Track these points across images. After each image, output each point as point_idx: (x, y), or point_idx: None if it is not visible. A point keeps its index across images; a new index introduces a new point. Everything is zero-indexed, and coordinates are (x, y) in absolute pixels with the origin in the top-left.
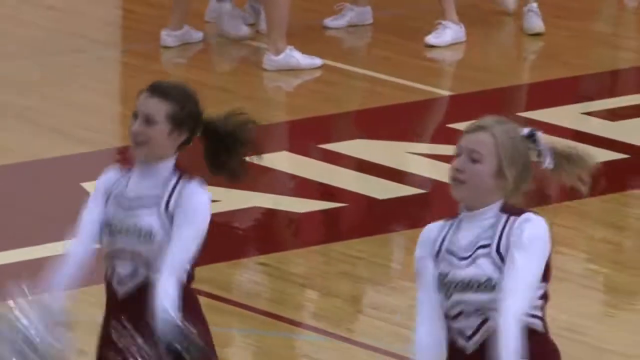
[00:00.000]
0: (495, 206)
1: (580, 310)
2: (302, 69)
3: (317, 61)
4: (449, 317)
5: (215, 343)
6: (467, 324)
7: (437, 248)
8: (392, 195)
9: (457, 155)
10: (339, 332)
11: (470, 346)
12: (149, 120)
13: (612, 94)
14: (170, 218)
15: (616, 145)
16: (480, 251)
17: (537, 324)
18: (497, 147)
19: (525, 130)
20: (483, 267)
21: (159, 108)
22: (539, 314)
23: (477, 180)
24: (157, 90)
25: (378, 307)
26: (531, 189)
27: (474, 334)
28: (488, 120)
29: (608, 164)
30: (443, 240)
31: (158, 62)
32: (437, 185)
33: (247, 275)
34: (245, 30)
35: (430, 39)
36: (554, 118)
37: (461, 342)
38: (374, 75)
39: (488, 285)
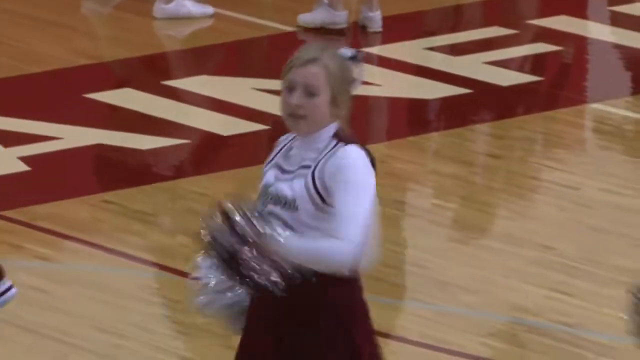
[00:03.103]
0: (329, 130)
1: (426, 245)
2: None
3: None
4: None
5: (58, 280)
6: None
7: (272, 156)
8: (237, 132)
9: (289, 89)
10: (186, 269)
11: None
12: None
13: (454, 29)
14: None
15: (458, 80)
16: (301, 171)
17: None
18: (329, 77)
19: (349, 52)
20: (294, 187)
21: None
22: None
23: (316, 113)
24: None
25: None
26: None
27: None
28: (314, 50)
29: (451, 99)
30: (281, 149)
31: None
32: (280, 120)
33: (91, 213)
34: None
35: None
36: (397, 53)
37: None
38: (219, 12)
39: (292, 205)
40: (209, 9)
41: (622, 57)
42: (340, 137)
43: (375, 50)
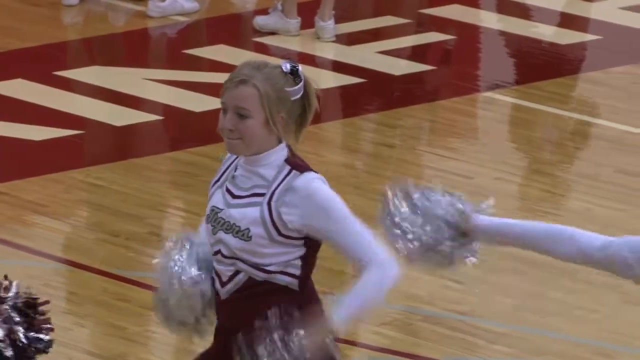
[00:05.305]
0: (277, 154)
1: None
2: None
3: None
4: (212, 253)
5: None
6: (223, 268)
7: (217, 176)
8: (129, 122)
9: (224, 110)
10: (80, 260)
11: (223, 293)
12: None
13: (347, 18)
14: None
15: (351, 69)
16: (254, 199)
17: (291, 282)
18: (262, 99)
19: (287, 66)
20: (248, 216)
21: None
22: (296, 272)
23: (249, 135)
24: None
25: (118, 234)
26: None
27: (228, 281)
28: (247, 69)
29: (345, 88)
30: (227, 169)
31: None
32: (172, 110)
33: None
34: None
35: None
36: (290, 43)
37: (217, 284)
38: (109, 2)
39: (244, 235)
40: (196, 4)
41: (514, 45)
42: (293, 164)
43: (268, 40)
